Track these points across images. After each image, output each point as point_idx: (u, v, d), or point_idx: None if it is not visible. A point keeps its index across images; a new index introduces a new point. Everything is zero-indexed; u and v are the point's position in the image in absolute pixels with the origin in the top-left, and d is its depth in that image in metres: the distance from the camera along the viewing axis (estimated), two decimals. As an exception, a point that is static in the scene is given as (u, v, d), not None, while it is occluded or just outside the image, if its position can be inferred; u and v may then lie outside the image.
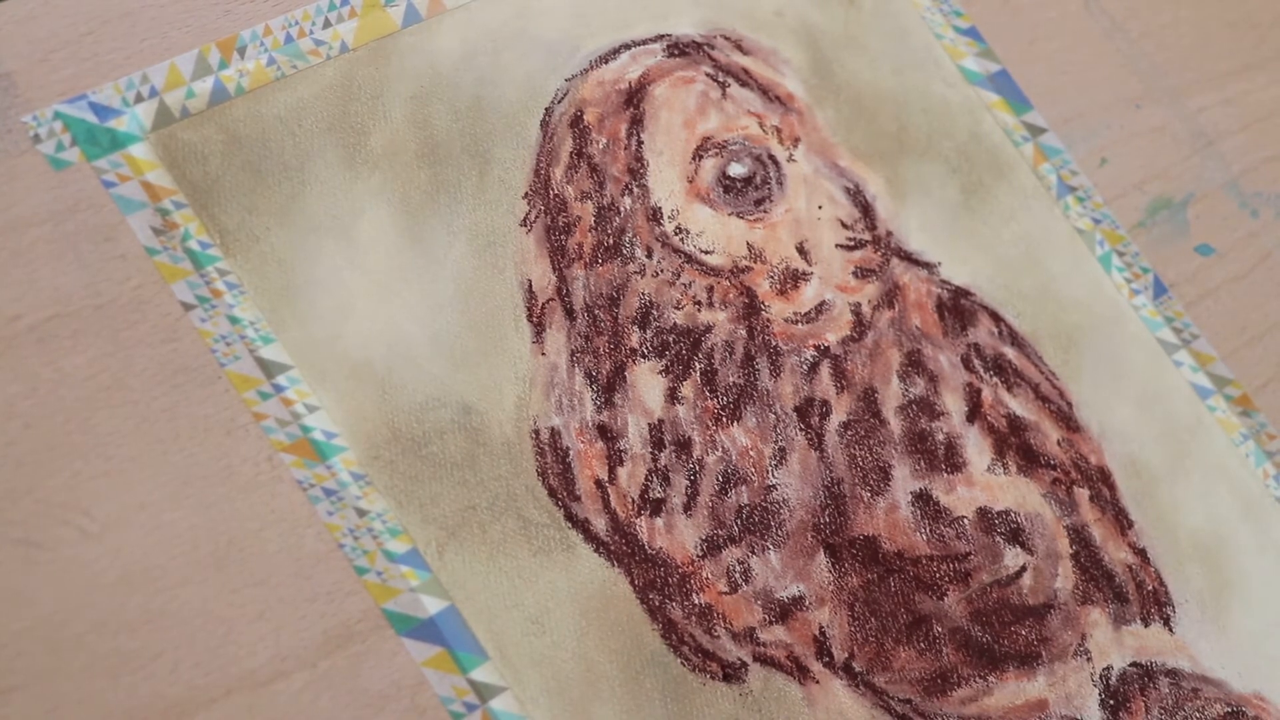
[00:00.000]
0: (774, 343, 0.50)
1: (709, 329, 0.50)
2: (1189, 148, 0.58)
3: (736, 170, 0.52)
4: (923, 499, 0.50)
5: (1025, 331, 0.53)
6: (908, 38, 0.56)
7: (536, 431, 0.47)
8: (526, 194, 0.50)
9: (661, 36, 0.53)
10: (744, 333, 0.50)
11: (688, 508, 0.48)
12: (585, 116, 0.51)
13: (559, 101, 0.51)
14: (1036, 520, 0.51)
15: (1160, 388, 0.54)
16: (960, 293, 0.53)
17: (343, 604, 0.44)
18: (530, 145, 0.50)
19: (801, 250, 0.52)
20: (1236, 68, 0.60)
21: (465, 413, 0.47)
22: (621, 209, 0.50)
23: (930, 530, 0.50)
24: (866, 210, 0.53)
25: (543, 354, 0.48)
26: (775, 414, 0.49)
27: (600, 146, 0.51)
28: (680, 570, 0.47)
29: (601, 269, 0.49)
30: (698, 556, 0.47)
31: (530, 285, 0.49)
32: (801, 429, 0.49)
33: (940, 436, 0.51)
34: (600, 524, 0.47)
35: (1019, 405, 0.52)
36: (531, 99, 0.51)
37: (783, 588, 0.48)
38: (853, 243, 0.52)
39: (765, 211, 0.52)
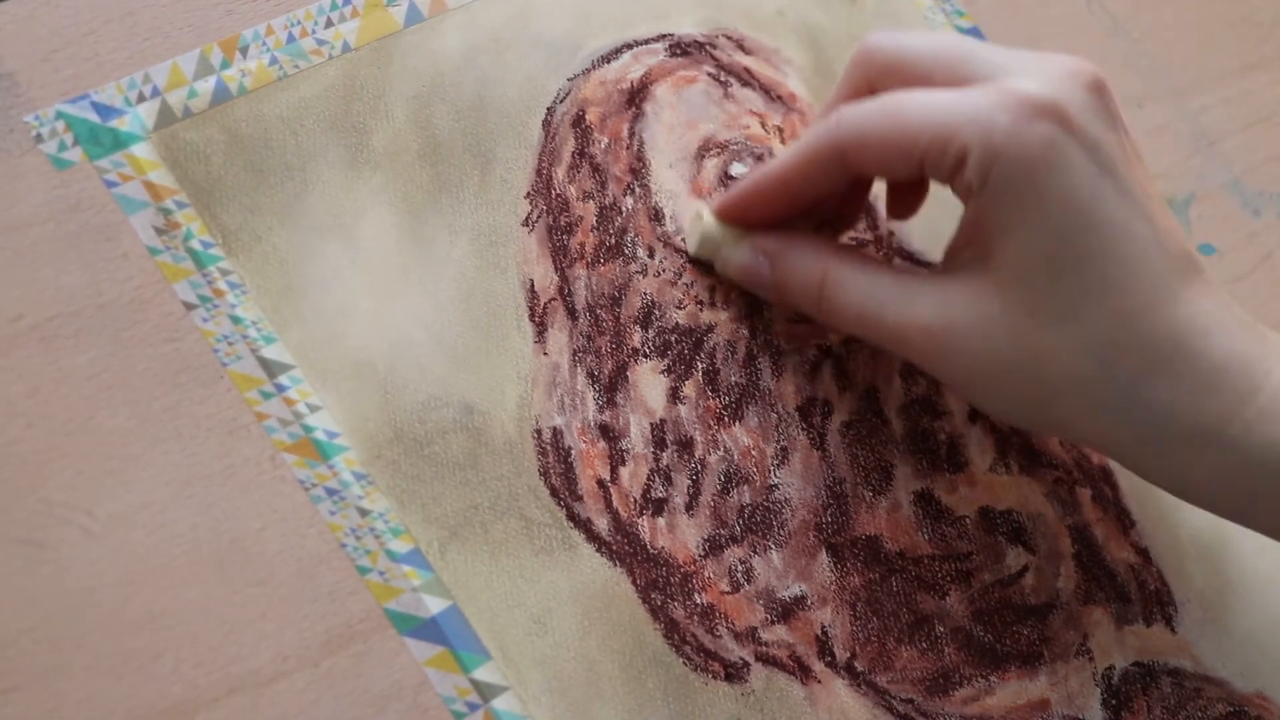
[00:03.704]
0: (776, 342, 0.50)
1: (711, 328, 0.50)
2: (1190, 147, 0.58)
3: (739, 170, 0.52)
4: (925, 499, 0.50)
5: (1027, 331, 0.53)
6: (909, 37, 0.56)
7: (539, 431, 0.47)
8: (528, 194, 0.50)
9: (663, 36, 0.53)
10: (746, 332, 0.50)
11: (690, 507, 0.48)
12: (587, 116, 0.51)
13: (561, 101, 0.51)
14: (1038, 520, 0.51)
15: (1162, 387, 0.54)
16: (962, 292, 0.53)
17: (345, 604, 0.44)
18: (532, 145, 0.50)
19: (803, 250, 0.52)
20: (1238, 67, 0.60)
21: (467, 412, 0.47)
22: (623, 209, 0.50)
23: (932, 530, 0.50)
24: (868, 210, 0.53)
25: (545, 354, 0.48)
26: (777, 413, 0.49)
27: (602, 146, 0.51)
28: (682, 570, 0.47)
29: (603, 269, 0.50)
30: (700, 556, 0.47)
31: (532, 285, 0.49)
32: (803, 428, 0.49)
33: (942, 436, 0.51)
34: (602, 524, 0.47)
35: (1021, 405, 0.52)
36: (533, 99, 0.51)
37: (785, 587, 0.48)
38: (855, 242, 0.52)
39: (767, 211, 0.52)
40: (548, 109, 0.51)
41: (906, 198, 0.51)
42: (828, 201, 0.49)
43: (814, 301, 0.47)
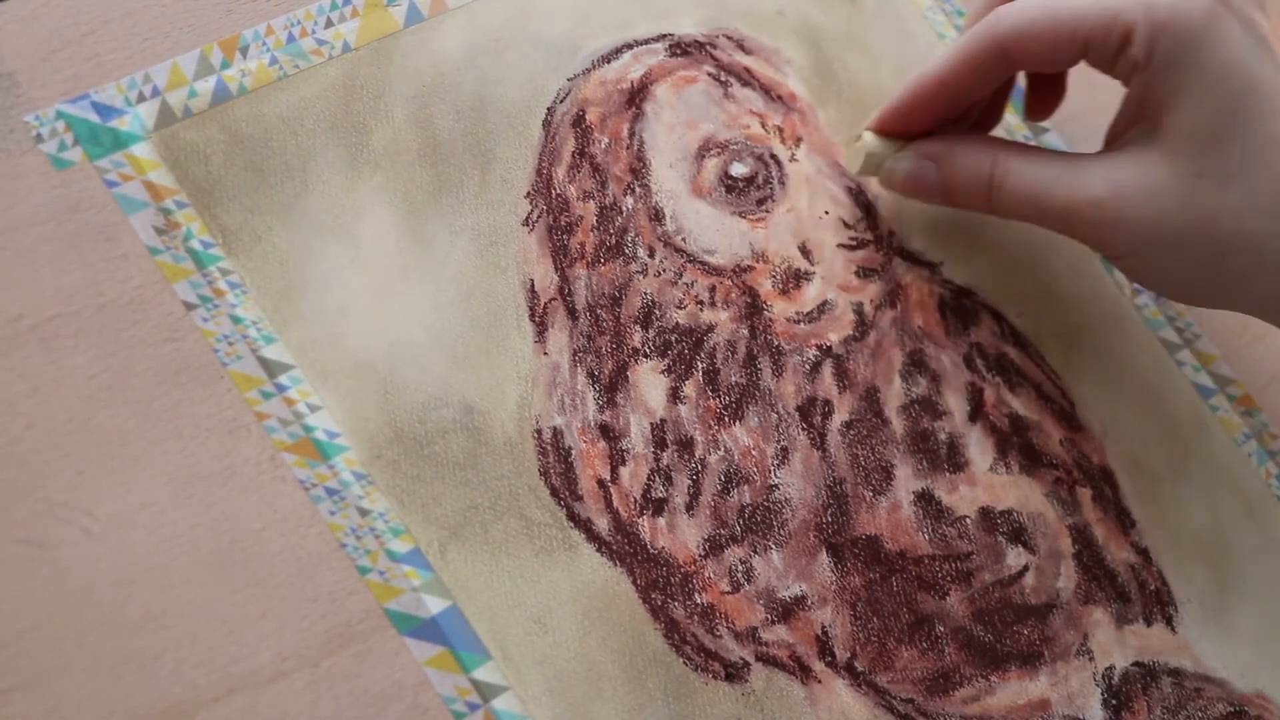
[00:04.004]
0: (776, 342, 0.50)
1: (711, 328, 0.50)
2: (1191, 147, 0.58)
3: (739, 170, 0.52)
4: (925, 499, 0.50)
5: (1027, 331, 0.53)
6: (910, 37, 0.56)
7: (539, 431, 0.47)
8: (529, 193, 0.50)
9: (664, 36, 0.53)
10: (746, 332, 0.50)
11: (690, 507, 0.48)
12: (587, 116, 0.51)
13: (561, 101, 0.51)
14: (1039, 520, 0.51)
15: (1162, 387, 0.55)
16: (962, 292, 0.53)
17: (345, 603, 0.44)
18: (532, 145, 0.50)
19: (804, 250, 0.52)
20: (1238, 67, 0.60)
21: (467, 412, 0.47)
22: (624, 208, 0.50)
23: (932, 530, 0.50)
24: (868, 210, 0.53)
25: (545, 353, 0.48)
26: (777, 413, 0.49)
27: (602, 146, 0.51)
28: (682, 570, 0.47)
29: (604, 268, 0.50)
30: (700, 556, 0.47)
31: (533, 285, 0.49)
32: (804, 428, 0.49)
33: (943, 436, 0.51)
34: (602, 523, 0.47)
35: (1021, 405, 0.52)
36: (534, 98, 0.51)
37: (785, 587, 0.48)
38: (855, 242, 0.52)
39: (767, 211, 0.52)
40: (548, 109, 0.51)
41: (1046, 98, 0.54)
42: (975, 104, 0.52)
43: (984, 194, 0.50)
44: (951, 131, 0.52)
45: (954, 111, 0.51)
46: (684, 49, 0.53)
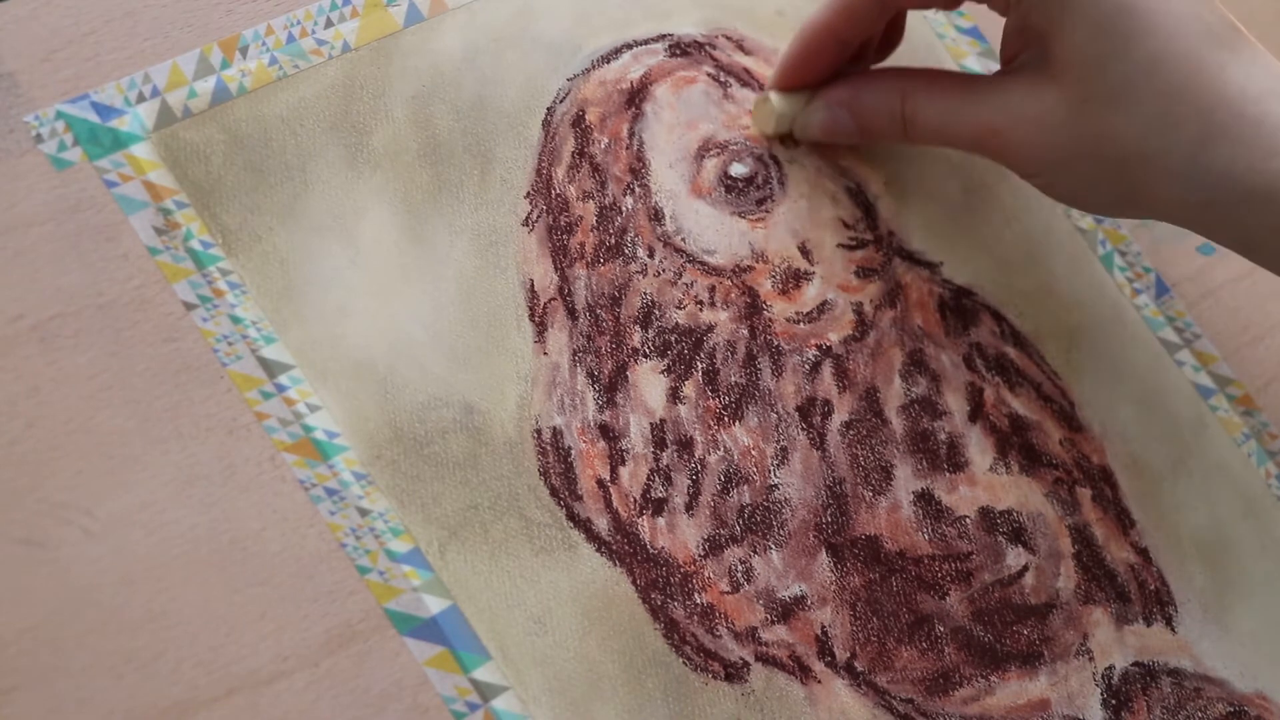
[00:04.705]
0: (776, 342, 0.50)
1: (711, 328, 0.50)
2: (1191, 147, 0.58)
3: (738, 170, 0.52)
4: (925, 499, 0.50)
5: (1027, 331, 0.54)
6: (909, 37, 0.56)
7: (538, 431, 0.47)
8: (528, 193, 0.50)
9: (663, 36, 0.53)
10: (746, 332, 0.50)
11: (690, 507, 0.48)
12: (587, 116, 0.51)
13: (561, 101, 0.51)
14: (1039, 520, 0.51)
15: (1162, 387, 0.55)
16: (962, 292, 0.53)
17: (345, 603, 0.44)
18: (532, 145, 0.50)
19: (803, 250, 0.52)
20: (1238, 67, 0.60)
21: (467, 412, 0.47)
22: (623, 209, 0.50)
23: (932, 530, 0.50)
24: (868, 210, 0.53)
25: (545, 353, 0.48)
26: (777, 413, 0.49)
27: (602, 146, 0.51)
28: (682, 570, 0.47)
29: (603, 268, 0.50)
30: (700, 556, 0.47)
31: (532, 285, 0.49)
32: (803, 428, 0.49)
33: (942, 436, 0.51)
34: (602, 523, 0.47)
35: (1021, 405, 0.52)
36: (533, 98, 0.51)
37: (785, 587, 0.48)
38: (855, 242, 0.52)
39: (767, 211, 0.52)
40: (548, 109, 0.51)
41: None
42: (870, 40, 0.52)
43: (898, 130, 0.51)
44: (854, 70, 0.52)
45: (848, 53, 0.51)
46: (684, 49, 0.53)
